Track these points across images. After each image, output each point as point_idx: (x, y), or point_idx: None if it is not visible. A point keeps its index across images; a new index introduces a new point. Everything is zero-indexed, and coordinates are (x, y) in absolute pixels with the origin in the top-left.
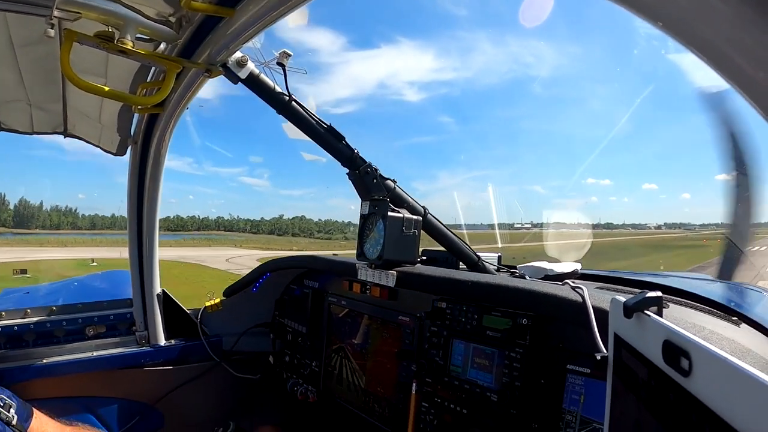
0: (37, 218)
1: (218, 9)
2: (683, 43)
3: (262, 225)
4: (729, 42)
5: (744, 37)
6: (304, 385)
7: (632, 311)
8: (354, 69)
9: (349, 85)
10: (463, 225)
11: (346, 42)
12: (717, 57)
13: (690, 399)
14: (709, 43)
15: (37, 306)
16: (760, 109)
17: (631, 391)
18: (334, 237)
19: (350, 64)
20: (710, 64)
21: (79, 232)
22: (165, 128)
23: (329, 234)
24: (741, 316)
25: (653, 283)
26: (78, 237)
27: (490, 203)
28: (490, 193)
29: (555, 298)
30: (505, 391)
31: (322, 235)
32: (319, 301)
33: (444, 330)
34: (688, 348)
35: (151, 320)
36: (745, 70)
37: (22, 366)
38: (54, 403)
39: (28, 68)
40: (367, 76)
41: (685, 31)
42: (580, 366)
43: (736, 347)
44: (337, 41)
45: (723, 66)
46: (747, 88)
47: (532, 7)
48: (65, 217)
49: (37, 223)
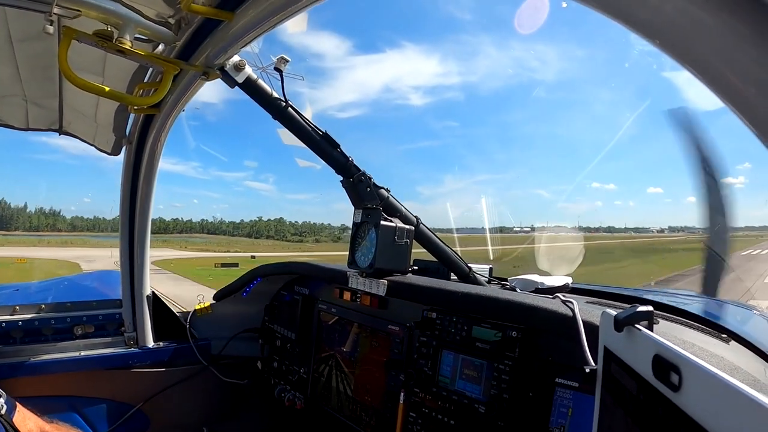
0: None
1: (218, 12)
2: (678, 61)
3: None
4: (722, 59)
5: (737, 54)
6: (291, 392)
7: (623, 325)
8: (359, 73)
9: (354, 90)
10: (454, 230)
11: (351, 46)
12: (710, 74)
13: (679, 414)
14: (704, 61)
15: (26, 303)
16: (751, 125)
17: (619, 404)
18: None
19: (355, 68)
20: (703, 80)
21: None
22: (160, 129)
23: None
24: (730, 333)
25: (644, 299)
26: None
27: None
28: (483, 205)
29: (545, 311)
30: (493, 403)
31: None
32: (309, 308)
33: (433, 340)
34: (678, 363)
35: (140, 321)
36: (737, 87)
37: (8, 363)
38: (40, 402)
39: (25, 64)
40: (372, 80)
41: (680, 49)
42: (568, 380)
43: (725, 364)
44: (342, 45)
45: (716, 82)
46: (739, 104)
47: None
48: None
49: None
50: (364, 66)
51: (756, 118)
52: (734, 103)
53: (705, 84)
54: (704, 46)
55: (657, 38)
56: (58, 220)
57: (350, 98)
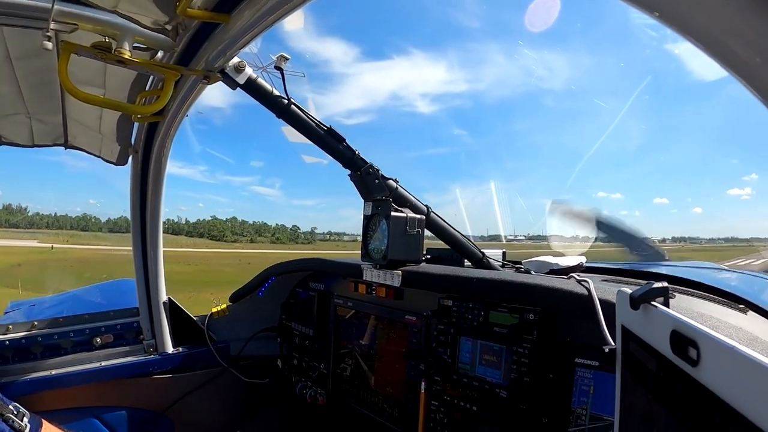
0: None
1: (214, 15)
2: (679, 33)
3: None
4: (726, 30)
5: (741, 23)
6: (313, 388)
7: (639, 302)
8: (366, 80)
9: (362, 96)
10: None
11: (359, 53)
12: (713, 45)
13: (699, 388)
14: (706, 32)
15: (44, 318)
16: (758, 93)
17: (639, 382)
18: (258, 240)
19: (363, 75)
20: (707, 51)
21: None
22: (165, 136)
23: (238, 236)
24: (747, 303)
25: (659, 273)
26: None
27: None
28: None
29: (561, 292)
30: (514, 387)
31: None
32: (325, 304)
33: (451, 328)
34: (696, 337)
35: (158, 328)
36: (742, 57)
37: (30, 379)
38: (63, 415)
39: (26, 81)
40: (379, 87)
41: (680, 21)
42: (588, 359)
43: (743, 335)
44: (350, 52)
45: (720, 54)
46: (745, 74)
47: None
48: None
49: None
50: (371, 72)
51: (763, 87)
52: (739, 72)
53: (708, 55)
54: (705, 17)
55: (656, 10)
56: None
57: (357, 105)
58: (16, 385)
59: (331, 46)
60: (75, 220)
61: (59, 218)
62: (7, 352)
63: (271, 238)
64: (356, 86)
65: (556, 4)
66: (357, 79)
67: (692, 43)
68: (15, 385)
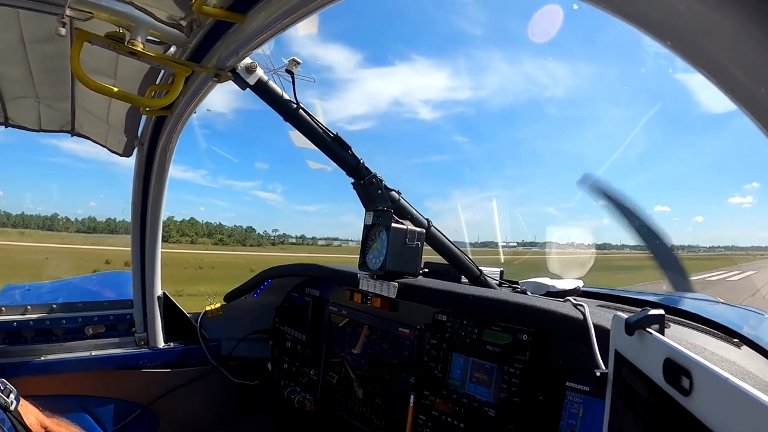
0: None
1: (229, 14)
2: (689, 62)
3: None
4: (733, 60)
5: (748, 54)
6: (301, 393)
7: (634, 328)
8: (369, 86)
9: (364, 102)
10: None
11: (362, 59)
12: (722, 75)
13: (690, 418)
14: (715, 62)
15: (38, 303)
16: (763, 127)
17: (630, 409)
18: (200, 241)
19: (365, 81)
20: (715, 82)
21: None
22: (172, 131)
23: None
24: (742, 338)
25: (655, 302)
26: None
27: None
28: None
29: (556, 315)
30: (503, 407)
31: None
32: (319, 310)
33: (444, 343)
34: (690, 367)
35: (151, 322)
36: (748, 88)
37: (19, 362)
38: (50, 401)
39: (37, 65)
40: (381, 93)
41: (692, 50)
42: (579, 384)
43: (736, 368)
44: (353, 58)
45: (727, 84)
46: (750, 106)
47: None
48: None
49: None
50: (374, 79)
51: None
52: (745, 104)
53: (716, 85)
54: (716, 47)
55: (669, 40)
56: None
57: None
58: (4, 367)
59: (334, 52)
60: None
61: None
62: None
63: (215, 240)
64: (359, 92)
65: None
66: (360, 85)
67: (700, 72)
68: (3, 367)
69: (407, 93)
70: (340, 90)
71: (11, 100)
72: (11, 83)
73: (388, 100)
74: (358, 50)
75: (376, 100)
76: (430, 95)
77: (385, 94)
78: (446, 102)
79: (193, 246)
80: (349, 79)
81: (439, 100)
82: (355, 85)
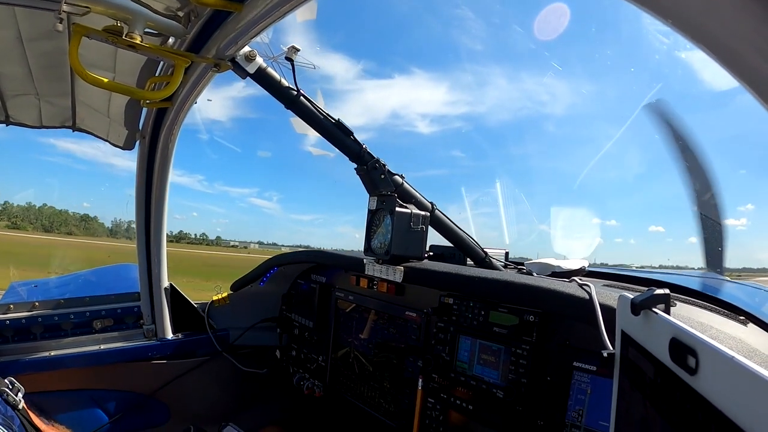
0: None
1: (227, 3)
2: (691, 40)
3: None
4: (736, 37)
5: (750, 31)
6: (310, 380)
7: (640, 308)
8: (368, 97)
9: (362, 114)
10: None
11: (361, 70)
12: (724, 53)
13: (696, 397)
14: (717, 39)
15: (45, 299)
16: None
17: (637, 388)
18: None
19: (364, 92)
20: (717, 59)
21: None
22: (173, 122)
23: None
24: (748, 315)
25: (661, 281)
26: None
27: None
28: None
29: (562, 295)
30: (511, 388)
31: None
32: (326, 296)
33: (451, 326)
34: (695, 346)
35: (159, 314)
36: (752, 66)
37: (29, 359)
38: (60, 396)
39: (36, 62)
40: (380, 105)
41: (693, 28)
42: (586, 363)
43: (743, 346)
44: (353, 69)
45: (730, 61)
46: (754, 83)
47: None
48: None
49: None
50: (373, 90)
51: None
52: (750, 82)
53: (719, 63)
54: (718, 24)
55: (670, 18)
56: None
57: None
58: (14, 364)
59: (334, 62)
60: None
61: None
62: (7, 332)
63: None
64: (357, 103)
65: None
66: (358, 96)
67: (702, 50)
68: (13, 364)
69: (405, 106)
70: (339, 100)
71: (11, 98)
72: (11, 81)
73: (387, 112)
74: (357, 61)
75: (375, 111)
76: (429, 109)
77: (384, 106)
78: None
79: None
80: (348, 90)
81: (438, 115)
82: (354, 96)
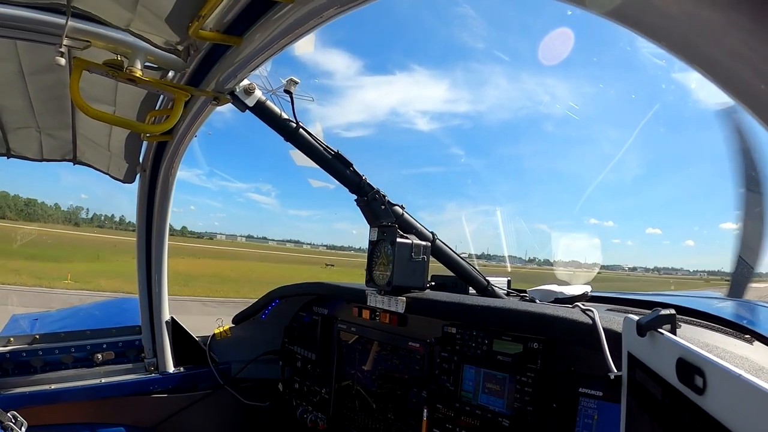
0: None
1: (226, 38)
2: (686, 61)
3: None
4: (730, 55)
5: (744, 49)
6: (313, 413)
7: (646, 329)
8: (367, 94)
9: (362, 110)
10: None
11: (362, 66)
12: (719, 72)
13: (704, 417)
14: (711, 59)
15: (46, 332)
16: (762, 120)
17: (645, 410)
18: None
19: (364, 88)
20: (712, 79)
21: None
22: (173, 156)
23: None
24: (753, 333)
25: (664, 303)
26: None
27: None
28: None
29: (566, 321)
30: (517, 416)
31: None
32: (328, 328)
33: (454, 355)
34: (702, 365)
35: (160, 347)
36: (746, 83)
37: (29, 392)
38: (60, 430)
39: (37, 96)
40: (380, 102)
41: (687, 49)
42: (592, 389)
43: (749, 365)
44: (353, 65)
45: (726, 81)
46: (749, 101)
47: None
48: None
49: None
50: (373, 87)
51: (766, 113)
52: (744, 99)
53: (714, 83)
54: (711, 44)
55: (664, 41)
56: None
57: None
58: (14, 397)
59: (334, 58)
60: None
61: None
62: (7, 365)
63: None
64: (357, 100)
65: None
66: (359, 93)
67: (697, 70)
68: (13, 397)
69: (405, 103)
70: (339, 96)
71: (12, 131)
72: (12, 114)
73: (386, 109)
74: (358, 57)
75: (374, 108)
76: (429, 106)
77: (384, 102)
78: (445, 114)
79: None
80: (348, 86)
81: (438, 112)
82: (354, 92)
